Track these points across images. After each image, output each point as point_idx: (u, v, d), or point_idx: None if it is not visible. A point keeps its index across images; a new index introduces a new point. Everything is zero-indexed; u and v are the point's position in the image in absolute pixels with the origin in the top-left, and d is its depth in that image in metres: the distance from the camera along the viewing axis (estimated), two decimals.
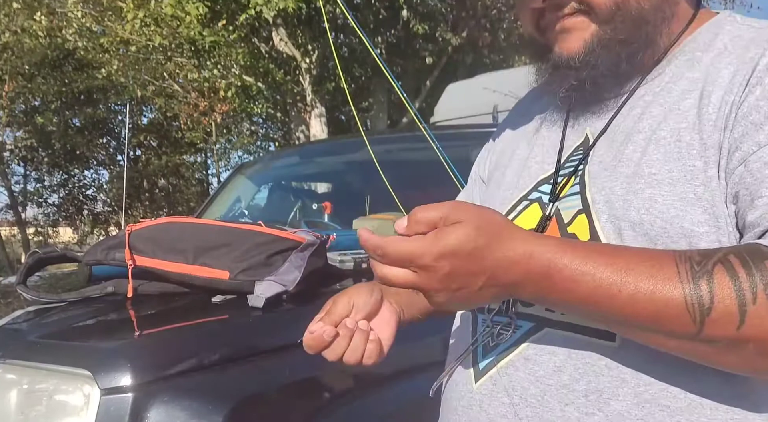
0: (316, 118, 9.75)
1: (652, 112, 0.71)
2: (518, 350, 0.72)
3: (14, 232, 14.63)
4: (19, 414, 1.14)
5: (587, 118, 0.78)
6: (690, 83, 0.70)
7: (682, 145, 0.66)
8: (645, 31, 0.73)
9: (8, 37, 10.03)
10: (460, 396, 0.77)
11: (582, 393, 0.66)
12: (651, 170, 0.67)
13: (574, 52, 0.73)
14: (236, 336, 1.34)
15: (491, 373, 0.74)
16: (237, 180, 3.27)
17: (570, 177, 0.75)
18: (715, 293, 0.55)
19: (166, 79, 10.24)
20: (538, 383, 0.69)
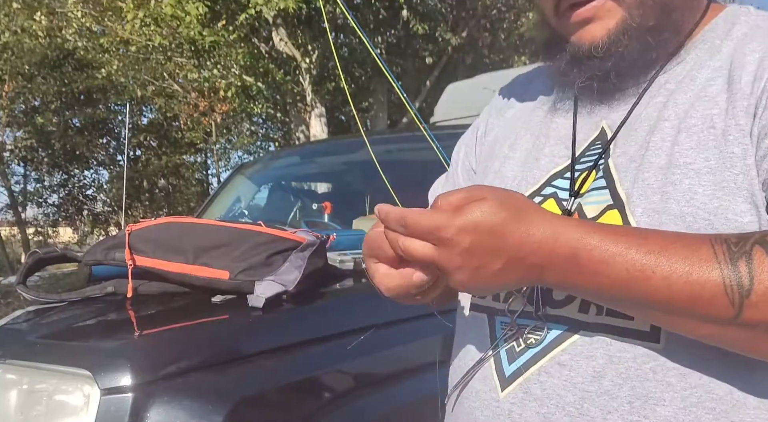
0: (316, 118, 9.75)
1: (677, 100, 0.68)
2: (551, 355, 0.67)
3: (14, 232, 14.64)
4: (19, 414, 1.14)
5: (600, 109, 0.75)
6: (713, 71, 0.68)
7: (717, 131, 0.63)
8: (674, 18, 0.70)
9: (8, 37, 10.03)
10: (483, 406, 0.71)
11: (626, 400, 0.62)
12: (686, 160, 0.64)
13: (596, 42, 0.70)
14: (236, 336, 1.34)
15: (520, 381, 0.68)
16: (237, 180, 3.27)
17: (590, 171, 0.71)
18: (755, 274, 0.53)
19: (166, 79, 10.24)
20: (576, 390, 0.64)
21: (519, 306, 0.71)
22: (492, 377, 0.71)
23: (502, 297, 0.73)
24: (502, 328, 0.72)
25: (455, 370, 0.79)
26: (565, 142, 0.76)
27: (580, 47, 0.71)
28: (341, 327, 1.48)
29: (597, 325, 0.65)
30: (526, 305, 0.70)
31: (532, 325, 0.69)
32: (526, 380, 0.67)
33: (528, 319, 0.70)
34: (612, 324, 0.64)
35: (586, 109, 0.76)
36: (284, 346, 1.34)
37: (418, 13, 9.36)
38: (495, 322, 0.73)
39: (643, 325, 0.63)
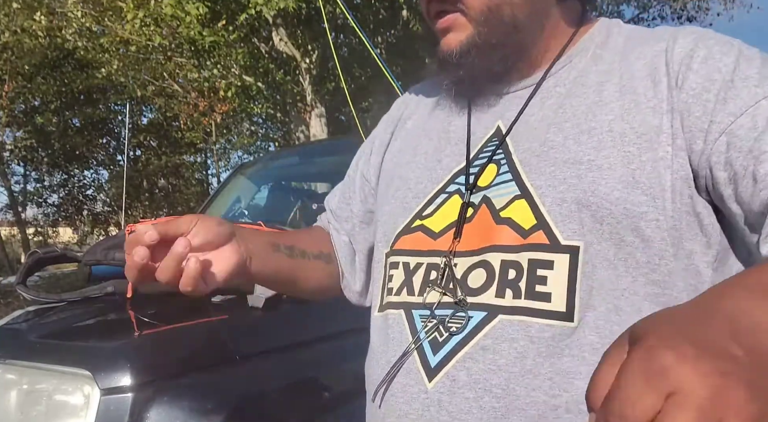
0: (316, 118, 9.75)
1: (572, 104, 0.74)
2: (474, 341, 0.69)
3: (14, 232, 14.64)
4: (19, 414, 1.14)
5: (494, 108, 0.81)
6: (600, 75, 0.75)
7: (615, 134, 0.69)
8: (516, 38, 0.77)
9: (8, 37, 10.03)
10: (411, 399, 0.72)
11: (547, 377, 0.66)
12: (589, 157, 0.69)
13: (451, 51, 0.77)
14: (236, 336, 1.34)
15: (447, 369, 0.70)
16: (237, 180, 3.27)
17: (486, 165, 0.76)
18: None
19: (166, 79, 10.24)
20: (501, 372, 0.67)
21: (436, 297, 0.73)
22: (417, 370, 0.72)
23: (417, 290, 0.76)
24: (422, 321, 0.74)
25: (375, 368, 0.80)
26: (464, 141, 0.82)
27: (441, 52, 0.79)
28: (341, 327, 1.48)
29: (515, 308, 0.68)
30: (443, 295, 0.73)
31: (452, 313, 0.71)
32: (452, 368, 0.70)
33: (447, 310, 0.72)
34: (529, 307, 0.68)
35: (480, 109, 0.82)
36: (284, 346, 1.34)
37: (418, 13, 9.36)
38: (413, 316, 0.75)
39: (559, 306, 0.67)
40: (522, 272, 0.69)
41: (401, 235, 0.81)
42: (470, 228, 0.74)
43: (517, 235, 0.70)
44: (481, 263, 0.72)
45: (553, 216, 0.69)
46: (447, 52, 0.78)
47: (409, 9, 9.31)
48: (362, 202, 0.98)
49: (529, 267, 0.69)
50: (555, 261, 0.68)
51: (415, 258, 0.79)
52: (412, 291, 0.77)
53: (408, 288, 0.78)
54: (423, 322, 0.74)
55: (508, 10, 0.75)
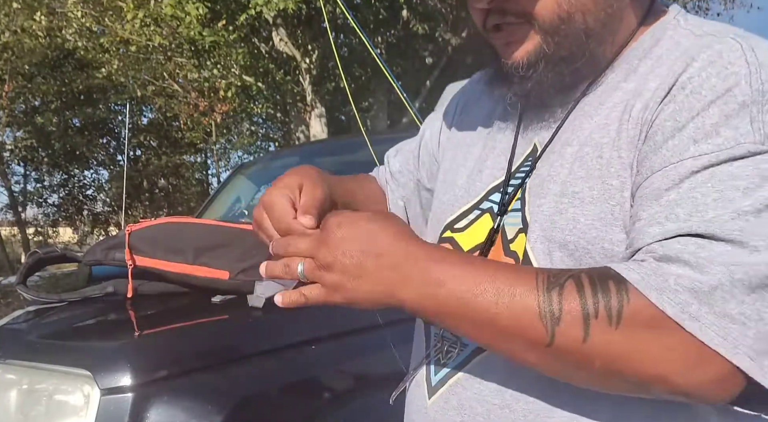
0: (316, 118, 9.75)
1: (582, 126, 0.69)
2: (467, 368, 0.71)
3: (14, 232, 14.64)
4: (19, 414, 1.14)
5: (535, 126, 0.76)
6: (624, 94, 0.68)
7: (603, 161, 0.65)
8: (588, 47, 0.69)
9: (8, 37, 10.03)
10: (416, 410, 0.78)
11: (521, 414, 0.66)
12: (574, 189, 0.66)
13: (517, 63, 0.70)
14: (236, 336, 1.34)
15: (442, 391, 0.73)
16: (237, 180, 3.27)
17: (518, 189, 0.73)
18: (563, 305, 0.57)
19: (166, 79, 10.24)
20: (484, 402, 0.69)
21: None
22: (423, 384, 0.76)
23: None
24: (435, 339, 0.77)
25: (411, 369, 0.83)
26: (505, 155, 0.78)
27: (505, 64, 0.72)
28: (341, 327, 1.48)
29: None
30: None
31: (452, 339, 0.74)
32: (447, 390, 0.73)
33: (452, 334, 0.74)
34: None
35: (525, 125, 0.77)
36: (284, 346, 1.34)
37: (418, 13, 9.36)
38: (430, 332, 0.79)
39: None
40: None
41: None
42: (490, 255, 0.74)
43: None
44: None
45: (536, 254, 0.67)
46: (513, 64, 0.71)
47: (409, 9, 9.31)
48: (428, 179, 0.94)
49: None
50: None
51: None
52: None
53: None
54: (435, 340, 0.77)
55: (580, 18, 0.67)
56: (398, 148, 1.02)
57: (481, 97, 0.89)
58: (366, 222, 0.66)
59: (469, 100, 0.92)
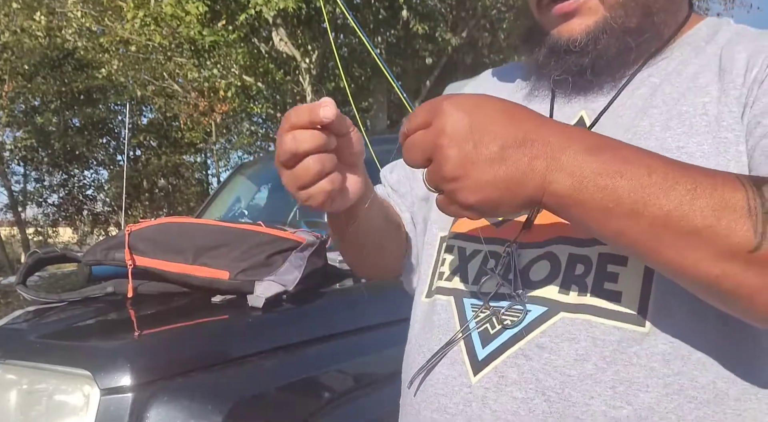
0: None
1: (664, 90, 0.69)
2: (529, 337, 0.64)
3: (14, 232, 14.64)
4: (19, 414, 1.14)
5: (577, 100, 0.75)
6: (699, 67, 0.69)
7: (710, 117, 0.64)
8: (655, 22, 0.71)
9: (8, 37, 10.03)
10: (452, 392, 0.67)
11: (609, 385, 0.60)
12: (678, 144, 0.63)
13: (574, 37, 0.70)
14: (236, 336, 1.34)
15: (496, 364, 0.64)
16: (237, 180, 3.27)
17: None
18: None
19: (166, 79, 10.24)
20: (557, 374, 0.61)
21: (492, 287, 0.68)
22: (462, 361, 0.67)
23: (471, 278, 0.71)
24: (474, 310, 0.69)
25: (416, 356, 0.75)
26: None
27: (559, 40, 0.71)
28: (341, 327, 1.48)
29: (580, 306, 0.63)
30: (500, 285, 0.67)
31: (508, 305, 0.66)
32: (502, 363, 0.64)
33: (503, 301, 0.67)
34: (597, 305, 0.62)
35: (562, 100, 0.76)
36: (284, 346, 1.34)
37: (418, 13, 9.36)
38: (464, 305, 0.70)
39: (630, 307, 0.61)
40: (590, 267, 0.64)
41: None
42: (538, 219, 0.68)
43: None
44: (546, 255, 0.67)
45: None
46: (570, 38, 0.70)
47: (409, 9, 9.31)
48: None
49: (598, 262, 0.63)
50: (629, 257, 0.62)
51: (472, 244, 0.73)
52: (466, 279, 0.72)
53: (461, 274, 0.73)
54: (474, 312, 0.68)
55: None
56: (392, 164, 0.99)
57: (495, 88, 0.87)
58: (487, 102, 0.56)
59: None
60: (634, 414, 0.59)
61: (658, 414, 0.59)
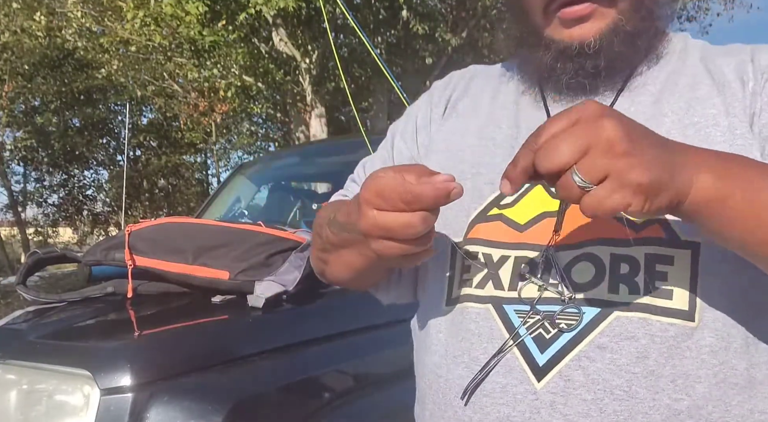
0: (316, 118, 9.75)
1: (669, 100, 0.72)
2: (588, 339, 0.64)
3: (14, 232, 14.64)
4: (19, 414, 1.14)
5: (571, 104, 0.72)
6: (692, 79, 0.73)
7: (722, 128, 0.68)
8: (659, 26, 0.74)
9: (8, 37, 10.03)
10: (515, 401, 0.66)
11: (670, 379, 0.62)
12: None
13: (588, 40, 0.71)
14: (236, 336, 1.34)
15: (559, 369, 0.64)
16: (237, 180, 3.27)
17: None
18: None
19: (166, 79, 10.24)
20: (622, 372, 0.63)
21: (534, 292, 0.68)
22: (521, 368, 0.66)
23: (507, 285, 0.70)
24: (519, 317, 0.68)
25: (452, 368, 0.72)
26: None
27: (571, 44, 0.72)
28: (341, 327, 1.48)
29: (633, 305, 0.64)
30: (544, 289, 0.67)
31: (560, 309, 0.66)
32: (566, 367, 0.64)
33: (551, 305, 0.67)
34: (650, 304, 0.64)
35: (559, 104, 0.77)
36: (284, 346, 1.34)
37: (418, 13, 9.36)
38: (505, 311, 0.69)
39: (681, 304, 0.64)
40: (638, 267, 0.65)
41: (476, 223, 0.75)
42: (565, 221, 0.68)
43: (629, 229, 0.66)
44: (584, 256, 0.67)
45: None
46: (583, 42, 0.71)
47: (409, 9, 9.31)
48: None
49: (646, 262, 0.65)
50: (675, 256, 0.65)
51: (498, 250, 0.73)
52: (500, 285, 0.71)
53: (494, 281, 0.71)
54: (521, 318, 0.68)
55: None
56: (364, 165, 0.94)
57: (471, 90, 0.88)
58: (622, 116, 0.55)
59: (453, 97, 0.89)
60: (693, 404, 0.62)
61: (711, 402, 0.63)
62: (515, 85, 0.83)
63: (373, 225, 0.57)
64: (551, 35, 0.74)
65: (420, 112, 0.91)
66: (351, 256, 0.73)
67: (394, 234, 0.57)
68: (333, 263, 0.81)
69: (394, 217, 0.56)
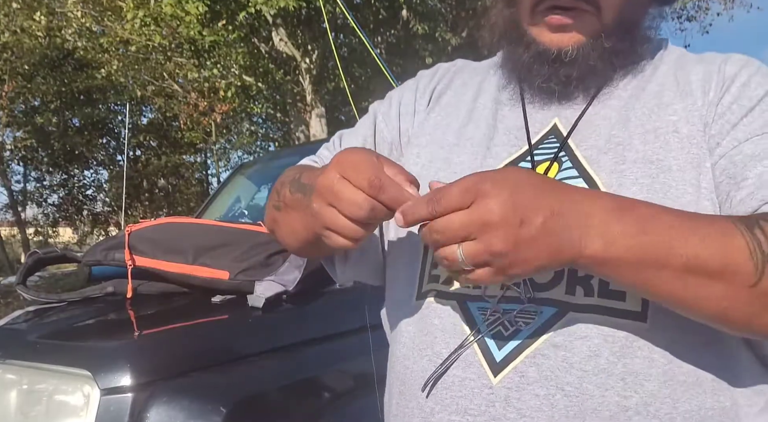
0: (316, 118, 9.76)
1: (634, 105, 0.74)
2: (544, 337, 0.67)
3: (14, 232, 14.64)
4: (19, 414, 1.14)
5: (550, 106, 0.78)
6: (659, 86, 0.76)
7: (681, 135, 0.70)
8: (640, 49, 0.77)
9: (8, 37, 10.04)
10: (472, 394, 0.69)
11: (619, 377, 0.65)
12: (658, 157, 0.69)
13: (565, 49, 0.73)
14: (236, 336, 1.34)
15: (515, 365, 0.67)
16: (237, 180, 3.27)
17: (552, 162, 0.74)
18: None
19: (166, 79, 10.24)
20: (574, 370, 0.65)
21: (496, 291, 0.70)
22: (479, 363, 0.69)
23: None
24: (482, 314, 0.71)
25: (417, 359, 0.75)
26: (514, 133, 0.78)
27: (549, 49, 0.74)
28: (341, 327, 1.48)
29: (587, 306, 0.67)
30: (505, 289, 0.70)
31: (520, 308, 0.69)
32: (521, 363, 0.67)
33: (512, 304, 0.69)
34: (604, 305, 0.67)
35: (535, 105, 0.79)
36: (284, 346, 1.34)
37: (418, 13, 9.36)
38: (469, 308, 0.72)
39: (633, 306, 0.66)
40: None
41: None
42: None
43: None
44: None
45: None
46: (560, 49, 0.74)
47: (409, 9, 9.32)
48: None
49: None
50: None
51: None
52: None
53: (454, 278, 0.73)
54: (483, 315, 0.71)
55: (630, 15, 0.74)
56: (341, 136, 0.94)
57: (456, 83, 0.89)
58: (518, 178, 0.58)
59: (437, 88, 0.90)
60: (641, 401, 0.65)
61: (659, 399, 0.65)
62: (497, 81, 0.85)
63: (330, 186, 0.61)
64: (533, 35, 0.76)
65: (404, 98, 0.91)
66: (296, 222, 0.76)
67: (340, 204, 0.61)
68: (282, 224, 0.83)
69: (351, 190, 0.60)
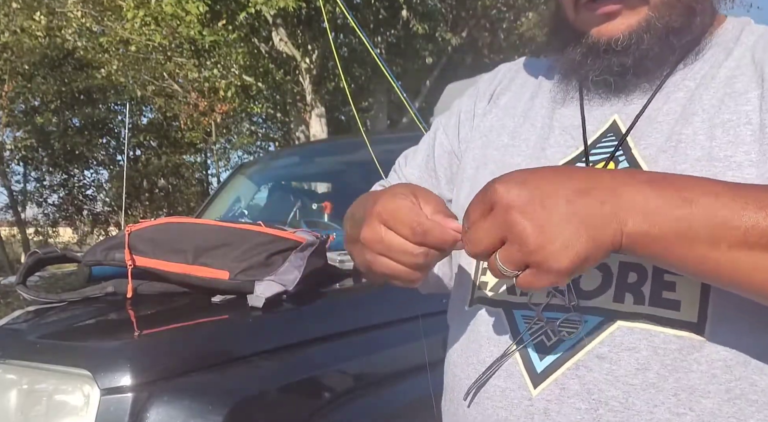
0: (316, 118, 9.76)
1: (701, 96, 0.69)
2: (588, 348, 0.64)
3: (14, 232, 14.64)
4: (19, 414, 1.14)
5: (610, 102, 0.74)
6: (731, 70, 0.69)
7: (754, 126, 0.64)
8: (697, 22, 0.71)
9: (8, 37, 10.04)
10: (511, 405, 0.67)
11: (671, 392, 0.61)
12: (726, 153, 0.63)
13: (616, 36, 0.69)
14: (236, 336, 1.34)
15: (556, 376, 0.64)
16: (237, 180, 3.27)
17: (608, 161, 0.69)
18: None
19: (166, 79, 10.24)
20: (620, 383, 0.62)
21: (542, 298, 0.68)
22: (520, 374, 0.67)
23: (519, 290, 0.70)
24: (526, 322, 0.69)
25: (464, 366, 0.74)
26: (571, 133, 0.75)
27: (599, 40, 0.71)
28: (341, 327, 1.48)
29: (637, 315, 0.63)
30: (551, 296, 0.67)
31: (563, 317, 0.66)
32: (562, 375, 0.64)
33: (557, 312, 0.66)
34: (655, 315, 0.63)
35: (593, 102, 0.75)
36: (284, 346, 1.34)
37: (418, 13, 9.37)
38: (514, 316, 0.70)
39: (689, 316, 0.62)
40: (646, 276, 0.64)
41: None
42: None
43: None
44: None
45: None
46: (611, 38, 0.70)
47: (409, 9, 9.32)
48: (448, 182, 0.88)
49: (654, 271, 0.63)
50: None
51: None
52: (513, 290, 0.71)
53: (507, 285, 0.72)
54: (527, 323, 0.68)
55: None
56: (407, 158, 0.95)
57: (515, 84, 0.87)
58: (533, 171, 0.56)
59: (497, 91, 0.89)
60: (696, 419, 0.60)
61: (720, 418, 0.60)
62: (555, 79, 0.81)
63: (378, 240, 0.61)
64: (581, 29, 0.73)
65: (464, 106, 0.91)
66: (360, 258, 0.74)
67: (392, 255, 0.60)
68: (354, 255, 0.81)
69: (398, 240, 0.60)
